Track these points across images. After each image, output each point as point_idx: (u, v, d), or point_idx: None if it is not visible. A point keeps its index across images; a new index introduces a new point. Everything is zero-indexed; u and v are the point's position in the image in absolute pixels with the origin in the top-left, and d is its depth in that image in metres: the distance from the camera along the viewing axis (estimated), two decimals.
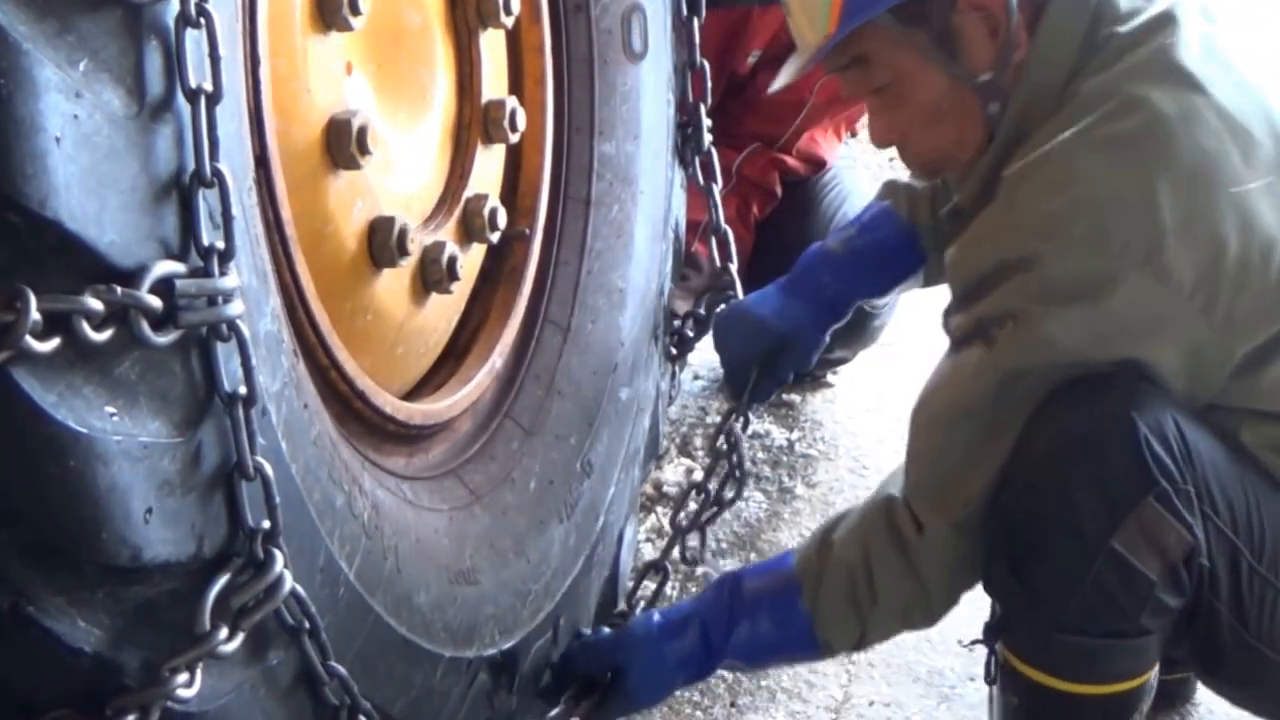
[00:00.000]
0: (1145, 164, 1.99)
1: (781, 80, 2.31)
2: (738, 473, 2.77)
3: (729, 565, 3.34)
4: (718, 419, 3.94)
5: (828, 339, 2.66)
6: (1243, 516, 2.03)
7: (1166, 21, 2.08)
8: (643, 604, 2.70)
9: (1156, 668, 2.11)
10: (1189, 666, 2.35)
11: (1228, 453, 2.07)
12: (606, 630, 2.51)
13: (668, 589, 2.81)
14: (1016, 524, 2.08)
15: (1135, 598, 2.01)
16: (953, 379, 2.14)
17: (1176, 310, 1.98)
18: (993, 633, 2.22)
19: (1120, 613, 2.02)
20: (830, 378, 4.18)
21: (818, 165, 4.00)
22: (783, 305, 2.62)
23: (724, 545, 3.45)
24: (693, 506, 2.79)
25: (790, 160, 3.95)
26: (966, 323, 2.11)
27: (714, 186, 2.89)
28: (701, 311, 2.87)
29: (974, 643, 2.27)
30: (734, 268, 2.90)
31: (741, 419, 2.75)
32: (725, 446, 2.76)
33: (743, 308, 2.71)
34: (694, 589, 3.15)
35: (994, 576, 2.15)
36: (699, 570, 2.88)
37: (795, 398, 4.11)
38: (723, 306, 2.79)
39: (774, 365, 2.65)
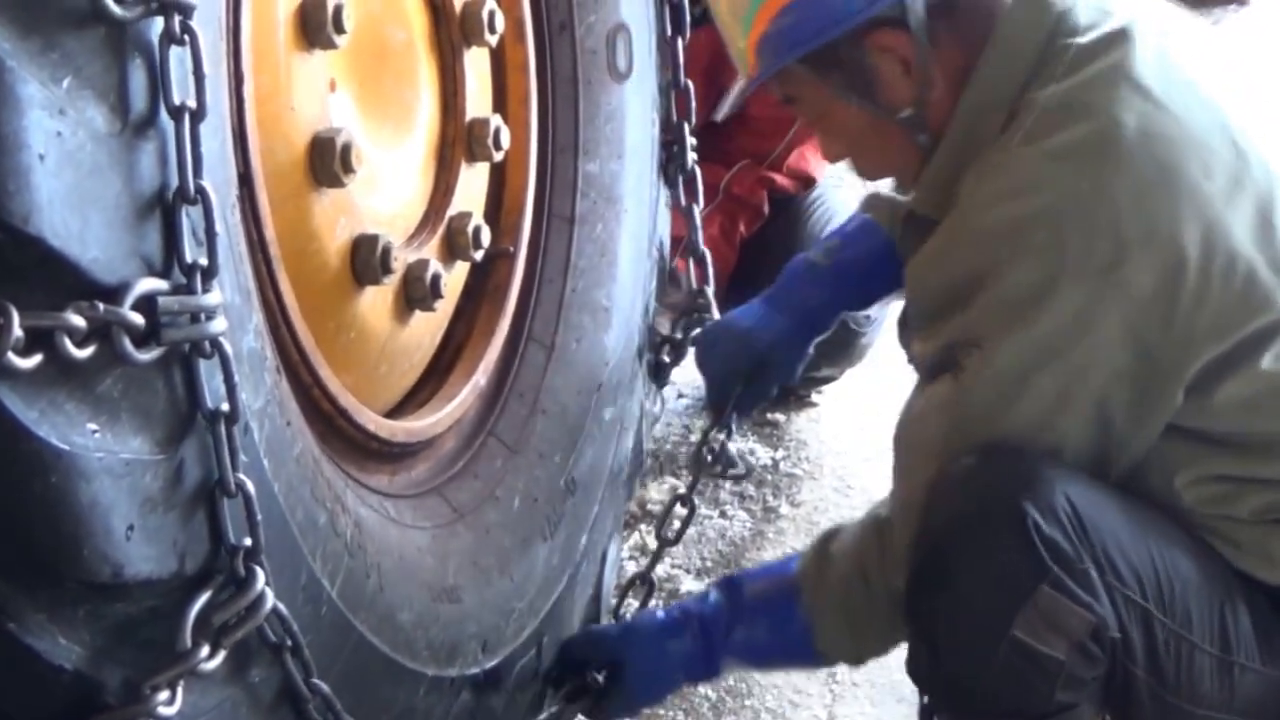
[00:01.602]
0: (1104, 173, 1.98)
1: (723, 110, 2.33)
2: (728, 469, 2.78)
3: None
4: None
5: (811, 352, 2.66)
6: (1150, 578, 2.00)
7: (1123, 37, 2.07)
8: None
9: None
10: None
11: (1133, 514, 2.04)
12: (606, 626, 2.52)
13: (653, 604, 2.81)
14: (921, 614, 2.08)
15: (1047, 679, 1.99)
16: (925, 413, 2.13)
17: (1135, 322, 1.96)
18: (926, 715, 2.22)
19: (1035, 694, 2.00)
20: (815, 397, 4.19)
21: (807, 182, 4.01)
22: (766, 319, 2.61)
23: (708, 564, 3.45)
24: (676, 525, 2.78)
25: (779, 178, 3.96)
26: (935, 349, 2.10)
27: (695, 207, 2.89)
28: (679, 335, 2.86)
29: None
30: (710, 290, 2.90)
31: (725, 432, 2.73)
32: (709, 459, 2.76)
33: (725, 323, 2.71)
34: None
35: (913, 661, 2.14)
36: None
37: (780, 417, 4.11)
38: (700, 329, 2.79)
39: (758, 380, 2.64)
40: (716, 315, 2.84)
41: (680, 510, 2.77)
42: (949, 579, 2.02)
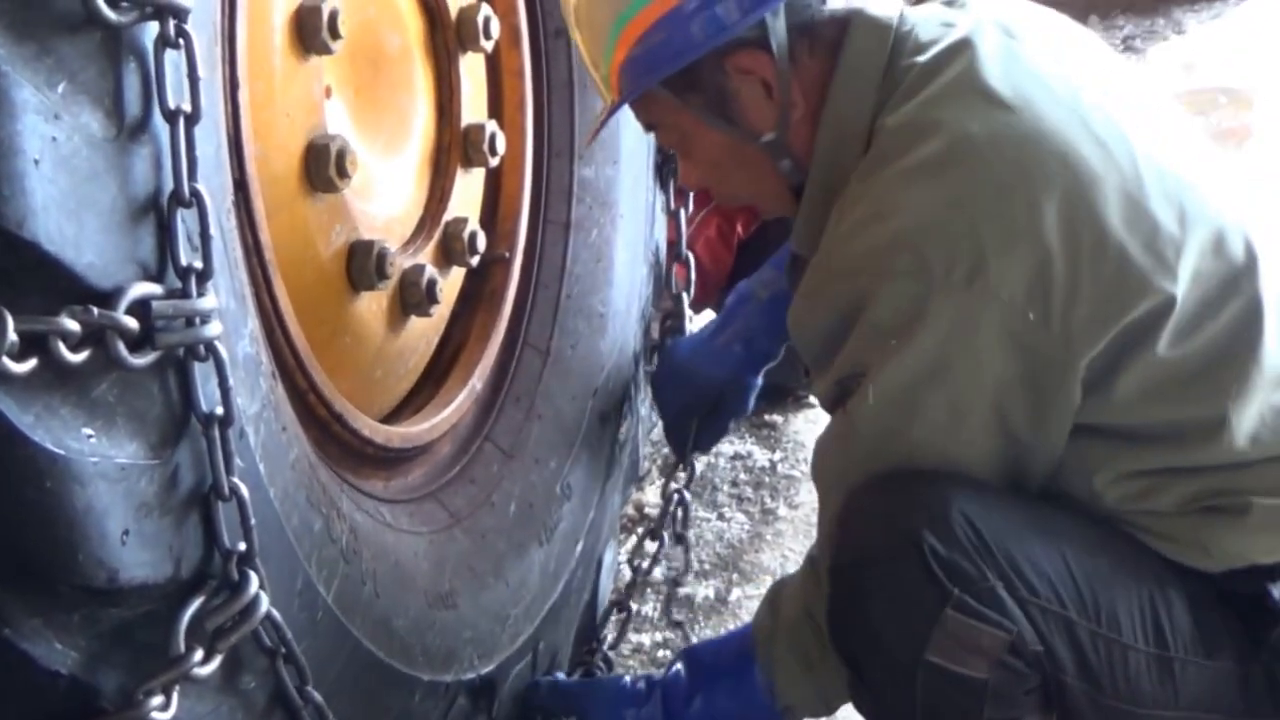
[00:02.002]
0: (956, 184, 1.95)
1: (586, 140, 2.37)
2: (682, 532, 2.86)
3: (712, 587, 3.34)
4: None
5: (760, 381, 2.68)
6: (1068, 586, 1.98)
7: (964, 46, 2.04)
8: (617, 626, 2.70)
9: None
10: None
11: (1045, 522, 2.02)
12: (575, 678, 2.53)
13: (648, 609, 2.81)
14: (843, 649, 2.08)
15: (973, 699, 1.97)
16: (826, 447, 2.14)
17: (1012, 325, 1.93)
18: None
19: (966, 715, 1.99)
20: (812, 398, 4.18)
21: None
22: (716, 353, 2.64)
23: (707, 567, 3.45)
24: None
25: None
26: (827, 388, 2.09)
27: (682, 212, 2.89)
28: (665, 340, 2.88)
29: None
30: (687, 297, 2.90)
31: (688, 470, 2.80)
32: (676, 498, 2.84)
33: (676, 362, 2.73)
34: (675, 611, 3.15)
35: (853, 693, 2.14)
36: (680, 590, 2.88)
37: (777, 418, 4.11)
38: (654, 367, 2.82)
39: (713, 416, 2.68)
40: (689, 323, 2.88)
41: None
42: (860, 612, 2.03)
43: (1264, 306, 2.02)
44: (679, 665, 2.37)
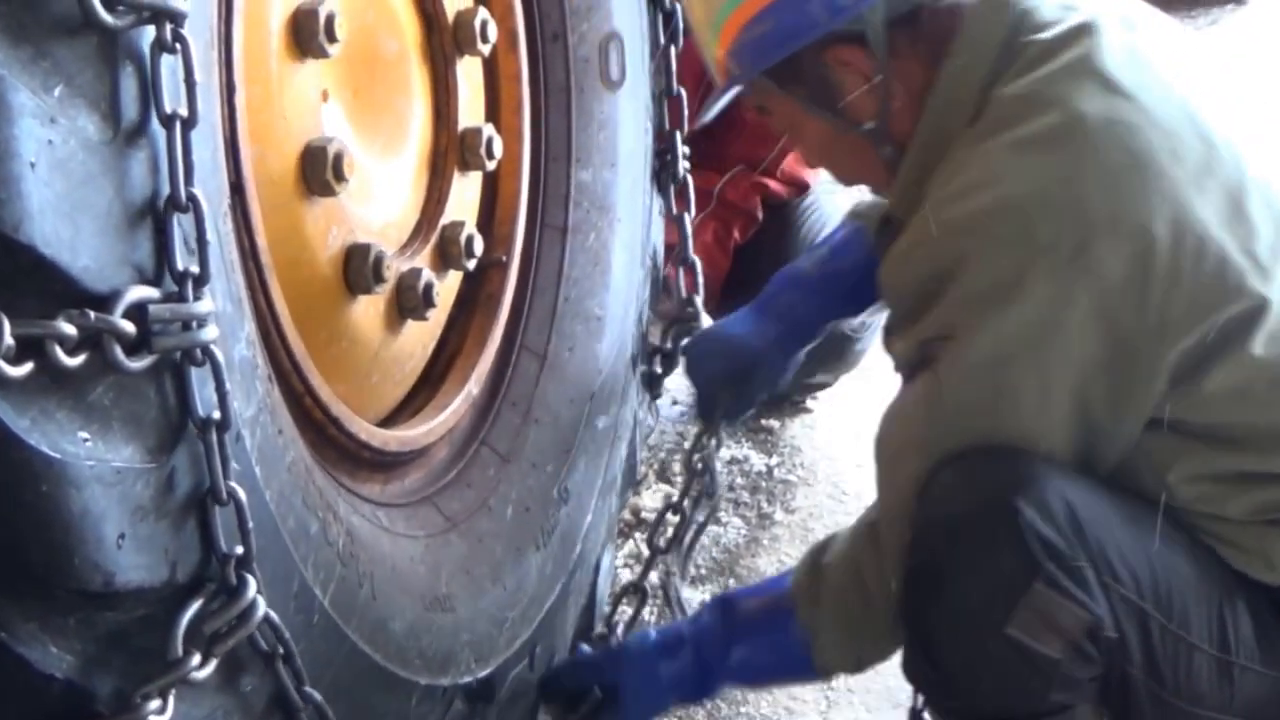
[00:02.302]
0: (1069, 161, 1.97)
1: (706, 116, 2.40)
2: (710, 493, 2.76)
3: (708, 591, 3.34)
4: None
5: (800, 360, 2.67)
6: (1147, 578, 2.00)
7: (1087, 30, 2.07)
8: (621, 627, 2.69)
9: None
10: None
11: (1128, 512, 2.03)
12: (596, 649, 2.52)
13: (646, 613, 2.81)
14: (917, 615, 2.07)
15: (1042, 678, 1.98)
16: (905, 410, 2.13)
17: (1107, 307, 1.95)
18: (915, 716, 2.23)
19: (1031, 694, 2.00)
20: (810, 403, 4.19)
21: (801, 188, 4.02)
22: (753, 326, 2.62)
23: (703, 571, 3.45)
24: (669, 532, 2.78)
25: (773, 184, 3.96)
26: (909, 347, 2.10)
27: (686, 215, 2.89)
28: (669, 345, 2.86)
29: None
30: (699, 300, 2.90)
31: (714, 439, 2.74)
32: (700, 467, 2.76)
33: (713, 332, 2.72)
34: (670, 615, 3.15)
35: (909, 662, 2.13)
36: (678, 594, 2.87)
37: (774, 423, 4.12)
38: (689, 338, 2.80)
39: (745, 387, 2.64)
40: (705, 324, 2.84)
41: (672, 518, 2.76)
42: (943, 578, 2.01)
43: None
44: (711, 615, 2.36)
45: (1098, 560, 1.97)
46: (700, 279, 2.91)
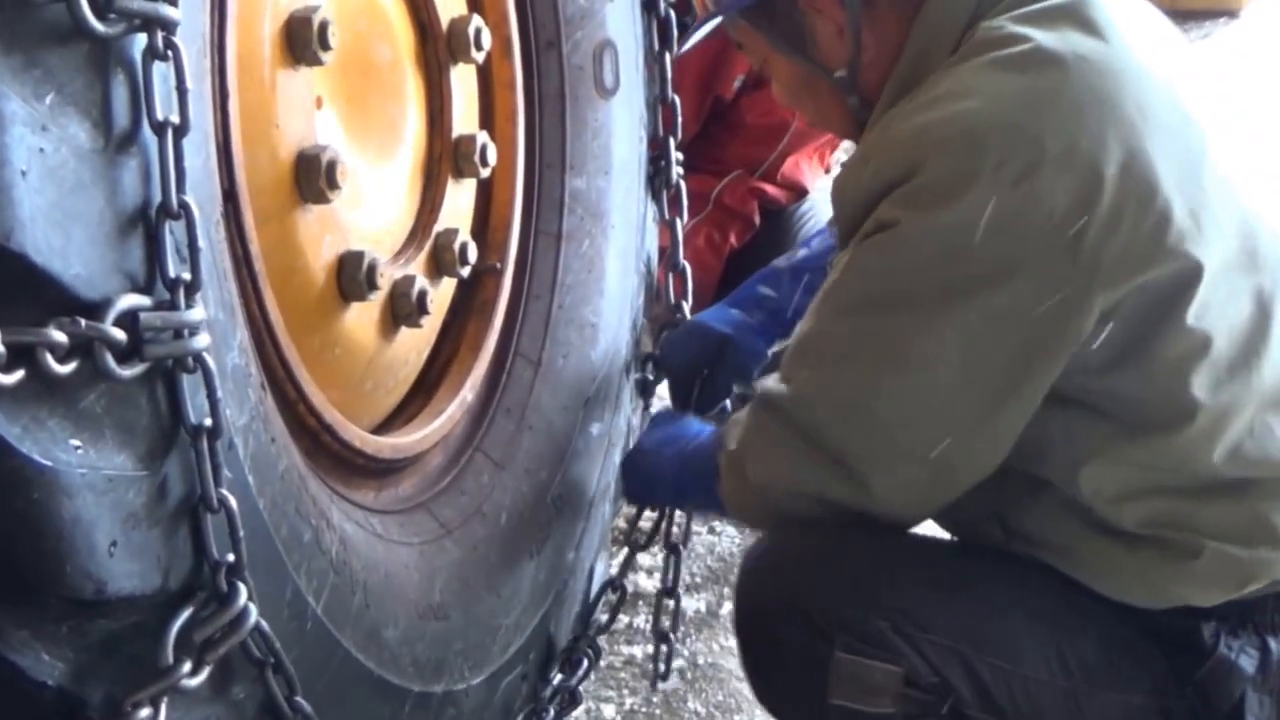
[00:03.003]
0: (1033, 87, 1.95)
1: (684, 45, 2.48)
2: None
3: (703, 600, 3.34)
4: None
5: (769, 353, 2.67)
6: (958, 619, 2.02)
7: None
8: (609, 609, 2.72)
9: None
10: None
11: (933, 561, 2.08)
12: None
13: (640, 622, 2.81)
14: (759, 691, 2.21)
15: None
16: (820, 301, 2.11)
17: (1041, 239, 1.92)
18: None
19: None
20: None
21: (799, 192, 4.02)
22: (723, 314, 2.66)
23: (698, 580, 3.45)
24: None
25: (770, 189, 3.96)
26: (844, 256, 2.08)
27: (678, 221, 2.89)
28: (659, 353, 2.86)
29: None
30: (688, 306, 2.90)
31: None
32: None
33: (686, 322, 2.77)
34: (666, 621, 3.15)
35: None
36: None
37: None
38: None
39: (717, 373, 2.65)
40: None
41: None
42: (767, 664, 2.15)
43: (1273, 321, 2.03)
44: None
45: (894, 616, 2.01)
46: (690, 284, 2.91)
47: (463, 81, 2.47)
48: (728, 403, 2.71)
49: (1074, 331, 1.94)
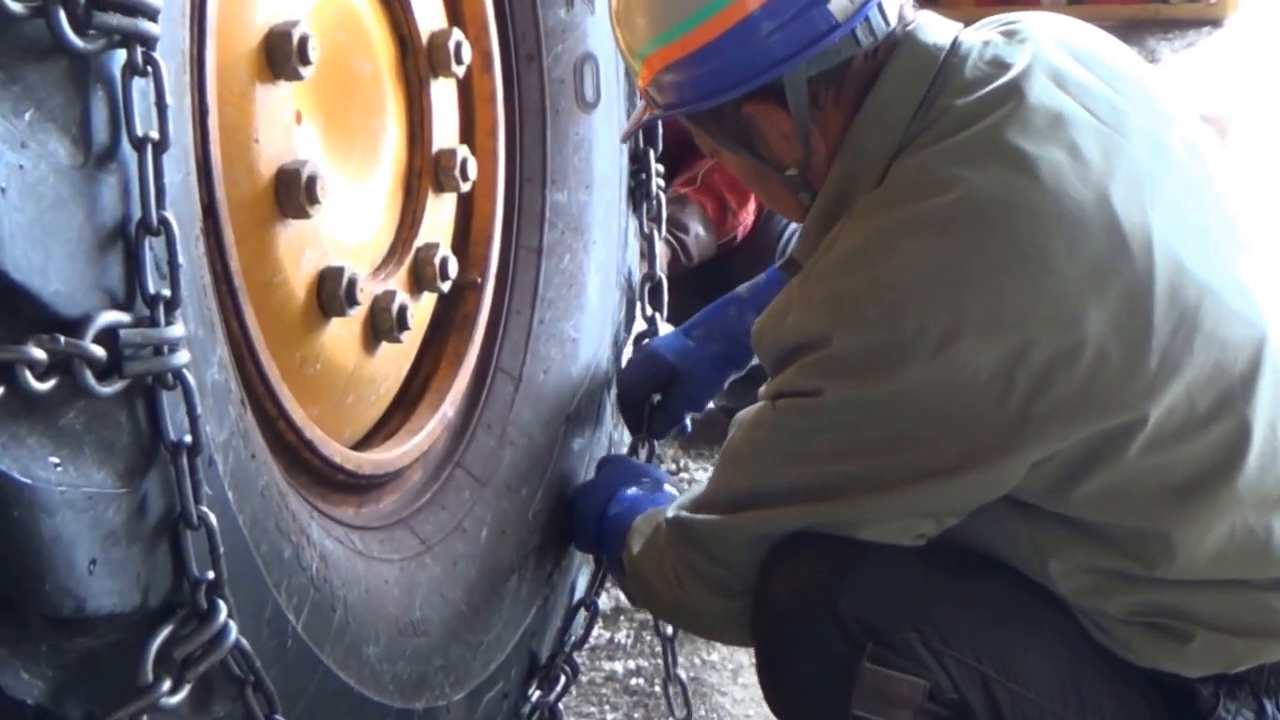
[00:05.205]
0: (955, 248, 1.89)
1: (625, 132, 2.52)
2: None
3: None
4: (672, 466, 3.95)
5: (724, 384, 2.68)
6: (984, 639, 2.00)
7: (1009, 95, 1.96)
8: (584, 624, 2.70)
9: None
10: None
11: (964, 581, 2.03)
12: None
13: (621, 637, 2.80)
14: (775, 703, 2.14)
15: None
16: (749, 430, 2.10)
17: (967, 401, 1.88)
18: None
19: None
20: None
21: None
22: (676, 342, 2.65)
23: None
24: None
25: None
26: (765, 393, 2.07)
27: (656, 234, 2.90)
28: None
29: None
30: (661, 317, 2.90)
31: (645, 449, 2.76)
32: None
33: (644, 347, 2.76)
34: (648, 636, 3.15)
35: None
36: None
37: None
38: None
39: (669, 400, 2.66)
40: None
41: None
42: (786, 673, 2.08)
43: (1254, 429, 1.95)
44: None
45: (924, 628, 1.98)
46: (665, 298, 2.91)
47: (443, 95, 2.47)
48: (688, 422, 2.73)
49: (999, 483, 1.95)
